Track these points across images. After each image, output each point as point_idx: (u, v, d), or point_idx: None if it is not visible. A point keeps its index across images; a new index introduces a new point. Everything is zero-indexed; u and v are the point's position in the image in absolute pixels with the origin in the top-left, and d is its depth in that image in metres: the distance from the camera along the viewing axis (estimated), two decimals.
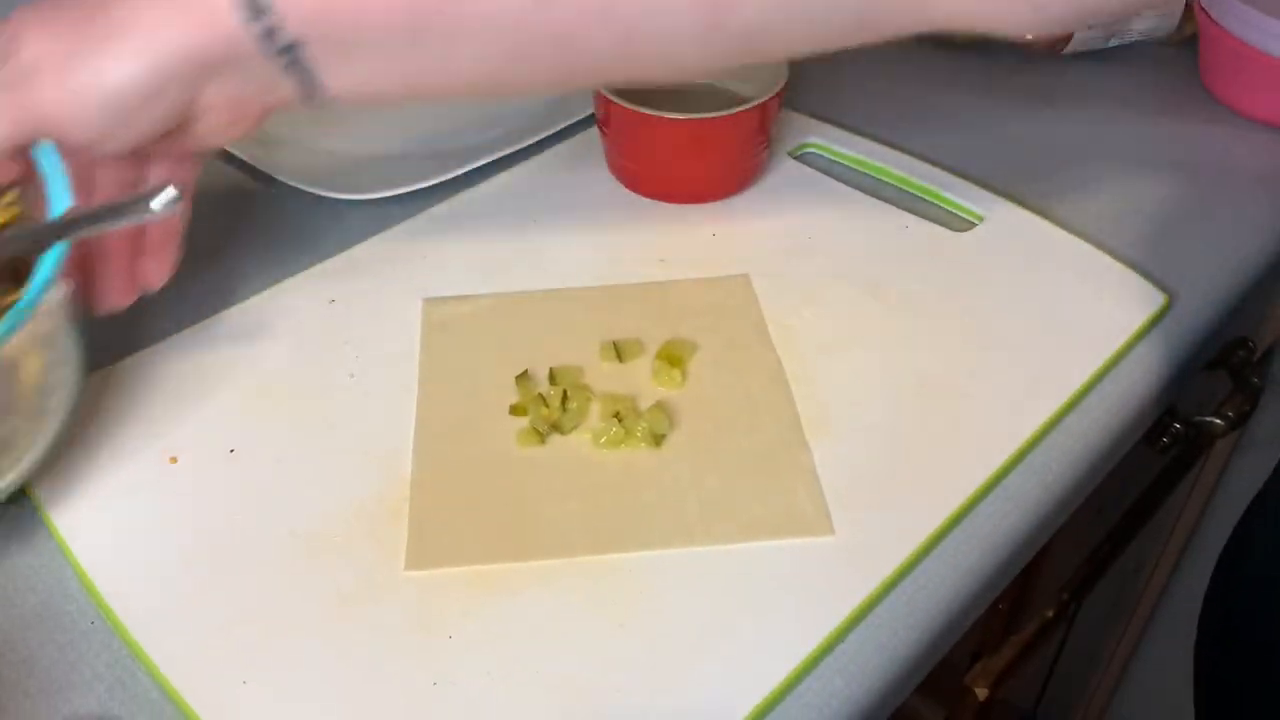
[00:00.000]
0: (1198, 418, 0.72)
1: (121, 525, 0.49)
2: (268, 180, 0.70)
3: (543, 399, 0.54)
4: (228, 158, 0.72)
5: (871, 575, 0.47)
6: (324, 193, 0.67)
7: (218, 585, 0.47)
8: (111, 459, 0.52)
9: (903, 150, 0.72)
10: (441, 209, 0.68)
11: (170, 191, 0.44)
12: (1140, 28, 0.82)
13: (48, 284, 0.42)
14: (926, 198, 0.69)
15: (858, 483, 0.50)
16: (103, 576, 0.47)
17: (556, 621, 0.45)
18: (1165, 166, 0.72)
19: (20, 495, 0.51)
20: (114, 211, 0.45)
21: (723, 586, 0.47)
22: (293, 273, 0.63)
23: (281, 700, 0.43)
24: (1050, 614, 0.85)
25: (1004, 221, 0.66)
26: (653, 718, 0.42)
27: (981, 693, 0.77)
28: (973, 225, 0.67)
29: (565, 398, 0.54)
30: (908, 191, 0.70)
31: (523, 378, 0.55)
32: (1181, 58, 0.83)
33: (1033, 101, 0.79)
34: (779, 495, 0.50)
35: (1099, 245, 0.64)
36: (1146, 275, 0.62)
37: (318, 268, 0.63)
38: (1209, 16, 0.76)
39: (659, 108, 0.64)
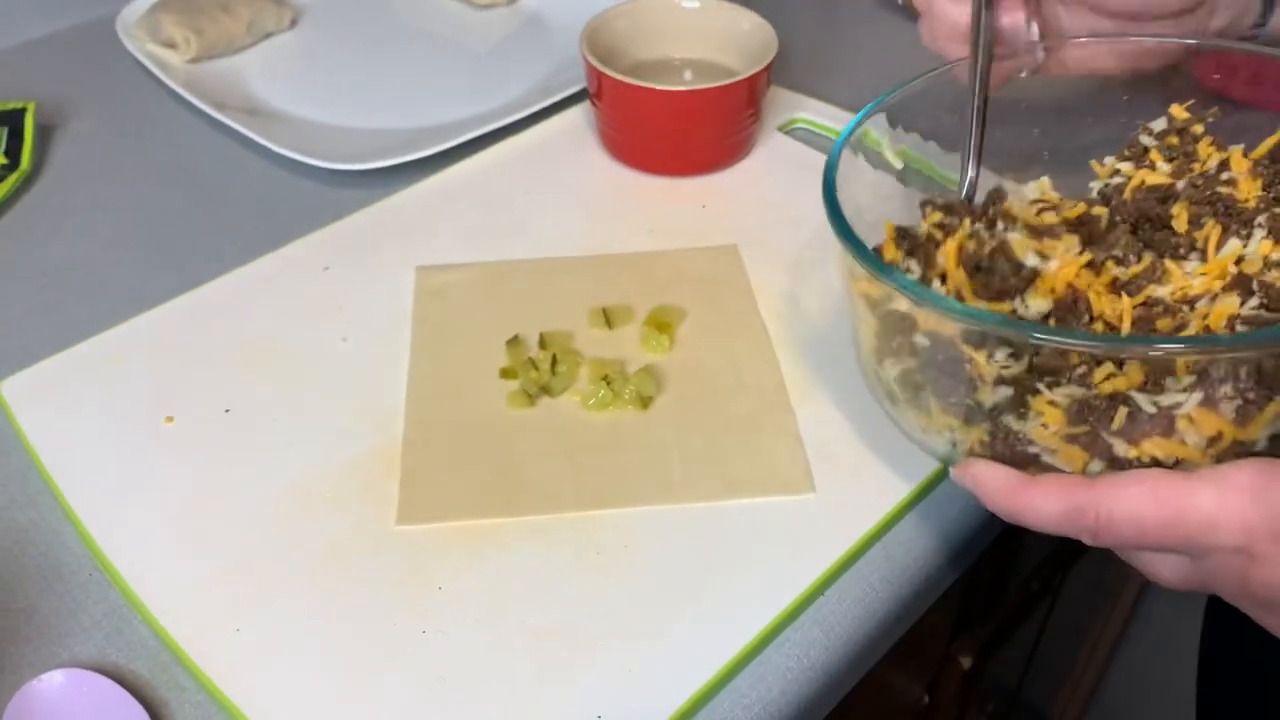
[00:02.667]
0: None
1: (120, 481, 0.50)
2: (264, 150, 0.71)
3: (533, 363, 0.55)
4: (223, 128, 0.73)
5: (851, 532, 0.48)
6: (319, 163, 0.68)
7: (213, 538, 0.48)
8: (110, 419, 0.53)
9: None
10: (435, 179, 0.69)
11: None
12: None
13: None
14: (917, 169, 0.70)
15: (839, 444, 0.52)
16: (101, 530, 0.48)
17: (543, 574, 0.47)
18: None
19: (20, 450, 0.52)
20: None
21: (706, 541, 0.48)
22: (288, 240, 0.64)
23: (274, 647, 0.44)
24: (1035, 586, 0.86)
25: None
26: (636, 666, 0.43)
27: (966, 661, 0.78)
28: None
29: (555, 361, 0.55)
30: (900, 168, 0.70)
31: (513, 342, 0.56)
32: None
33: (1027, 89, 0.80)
34: (762, 455, 0.51)
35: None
36: None
37: (313, 236, 0.64)
38: None
39: (650, 81, 0.65)
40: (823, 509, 0.49)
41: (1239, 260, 0.43)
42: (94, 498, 0.50)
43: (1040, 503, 0.38)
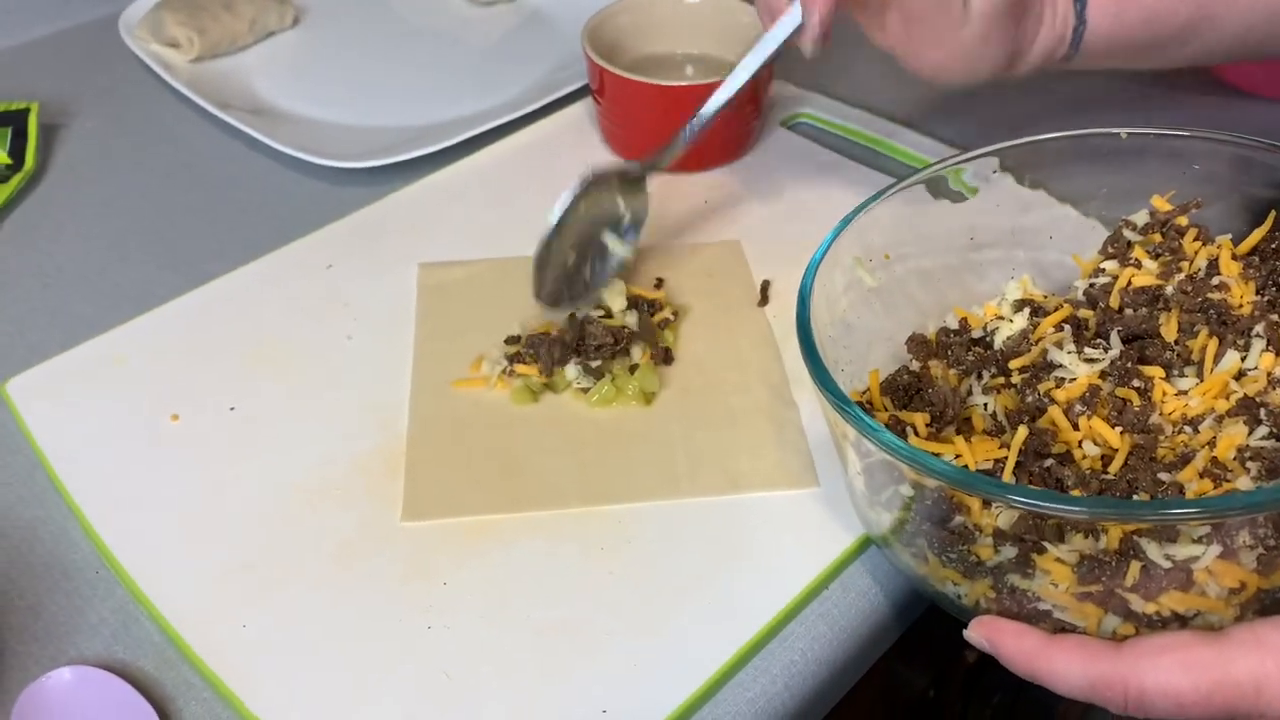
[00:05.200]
0: None
1: (126, 479, 0.51)
2: (267, 148, 0.71)
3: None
4: (227, 127, 0.73)
5: (855, 525, 0.48)
6: (322, 161, 0.68)
7: (219, 535, 0.48)
8: (116, 417, 0.53)
9: (894, 120, 0.73)
10: (438, 176, 0.69)
11: None
12: None
13: None
14: (918, 167, 0.70)
15: None
16: (107, 527, 0.48)
17: (548, 569, 0.47)
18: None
19: (27, 449, 0.53)
20: None
21: (710, 536, 0.48)
22: (292, 238, 0.64)
23: (280, 643, 0.44)
24: None
25: (997, 191, 0.67)
26: (641, 660, 0.43)
27: (971, 656, 0.78)
28: (964, 197, 0.67)
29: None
30: (899, 161, 0.71)
31: (511, 341, 0.56)
32: None
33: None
34: (766, 450, 0.51)
35: (1090, 213, 0.65)
36: None
37: (316, 233, 0.64)
38: None
39: (652, 76, 0.65)
40: (826, 503, 0.49)
41: (1238, 375, 0.42)
42: (100, 496, 0.50)
43: (1062, 669, 0.36)
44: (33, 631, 0.46)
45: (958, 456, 0.42)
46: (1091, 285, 0.49)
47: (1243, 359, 0.42)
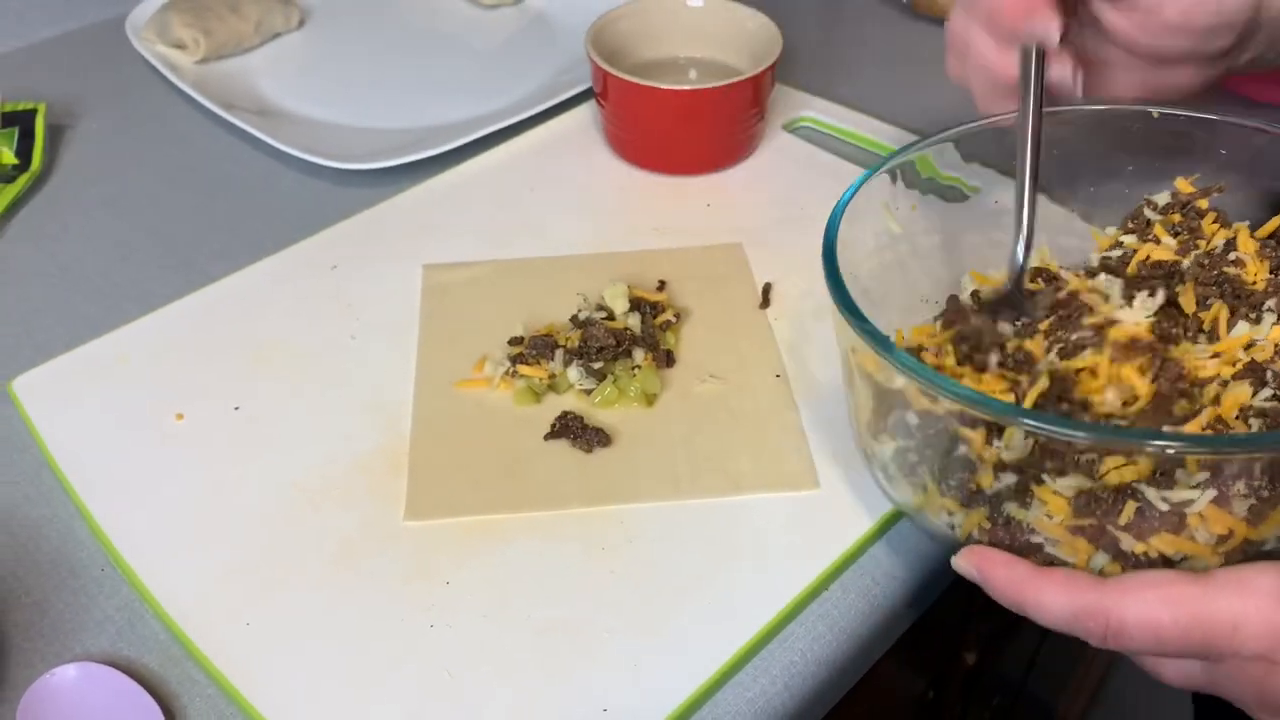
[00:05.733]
0: None
1: (131, 478, 0.51)
2: (272, 149, 0.71)
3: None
4: (232, 128, 0.74)
5: (855, 527, 0.48)
6: (327, 162, 0.69)
7: (223, 534, 0.49)
8: (121, 416, 0.54)
9: (896, 124, 0.73)
10: (442, 179, 0.69)
11: None
12: None
13: None
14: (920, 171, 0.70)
15: (843, 440, 0.52)
16: (113, 525, 0.49)
17: (549, 569, 0.47)
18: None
19: (34, 447, 0.53)
20: None
21: (711, 537, 0.48)
22: (296, 239, 0.64)
23: (284, 641, 0.45)
24: None
25: (997, 194, 0.67)
26: (641, 660, 0.44)
27: (970, 657, 0.78)
28: (966, 198, 0.68)
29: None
30: None
31: (515, 343, 0.57)
32: None
33: None
34: (767, 451, 0.52)
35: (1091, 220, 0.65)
36: None
37: (321, 234, 0.65)
38: None
39: (655, 80, 0.66)
40: (827, 504, 0.49)
41: (1248, 345, 0.43)
42: (106, 494, 0.50)
43: (1048, 600, 0.37)
44: (39, 628, 0.46)
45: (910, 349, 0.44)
46: (1108, 258, 0.49)
47: (1255, 330, 0.43)
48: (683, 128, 0.68)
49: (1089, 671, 1.27)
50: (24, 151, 0.72)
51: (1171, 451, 0.35)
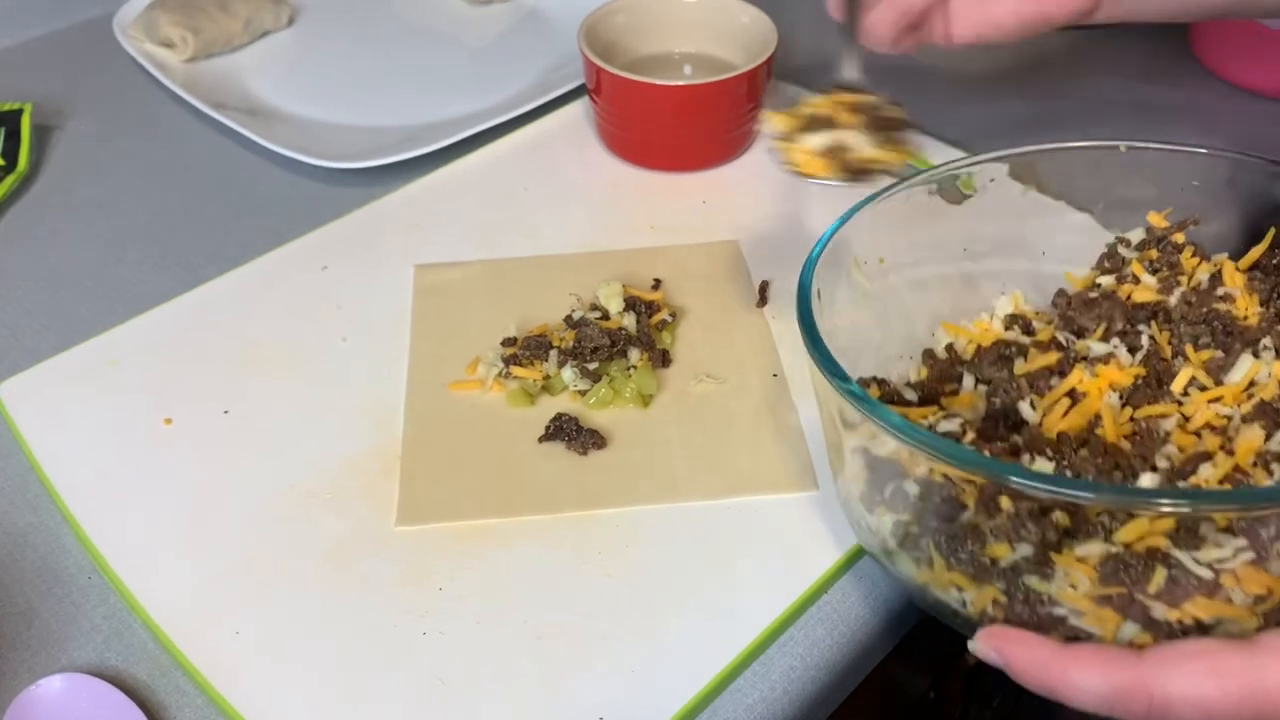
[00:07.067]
0: None
1: (118, 484, 0.50)
2: (262, 149, 0.70)
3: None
4: (221, 127, 0.73)
5: None
6: (317, 161, 0.68)
7: (212, 540, 0.48)
8: (109, 421, 0.53)
9: None
10: (434, 177, 0.68)
11: None
12: None
13: None
14: (918, 166, 0.69)
15: None
16: (99, 533, 0.48)
17: (544, 573, 0.46)
18: (1157, 136, 0.72)
19: (19, 453, 0.52)
20: None
21: (709, 539, 0.47)
22: (287, 239, 0.63)
23: (274, 649, 0.44)
24: None
25: (997, 190, 0.67)
26: (638, 666, 0.43)
27: (971, 657, 0.78)
28: (966, 195, 0.67)
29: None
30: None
31: (507, 344, 0.56)
32: (1172, 26, 0.83)
33: (1022, 71, 0.79)
34: (765, 452, 0.51)
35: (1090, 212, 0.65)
36: None
37: (311, 234, 0.64)
38: None
39: (650, 75, 0.65)
40: (826, 506, 0.49)
41: (1250, 384, 0.41)
42: (93, 500, 0.49)
43: (1081, 679, 0.34)
44: (24, 639, 0.45)
45: (925, 418, 0.42)
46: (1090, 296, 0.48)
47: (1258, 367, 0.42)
48: (678, 124, 0.67)
49: None
50: (10, 152, 0.71)
51: (1196, 510, 0.33)
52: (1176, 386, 0.42)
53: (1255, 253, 0.46)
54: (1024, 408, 0.43)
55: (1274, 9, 0.57)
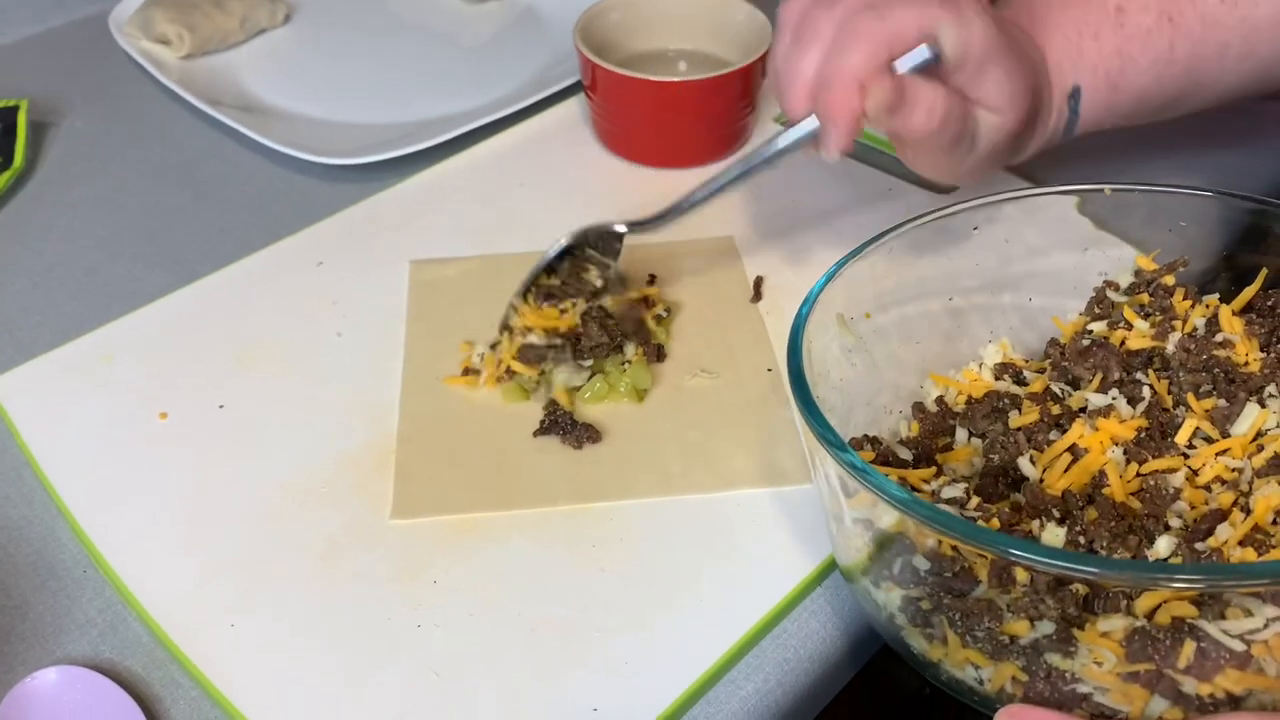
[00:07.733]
0: None
1: (113, 478, 0.50)
2: (258, 145, 0.70)
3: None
4: (217, 124, 0.73)
5: None
6: (313, 158, 0.68)
7: (207, 534, 0.48)
8: (104, 416, 0.53)
9: None
10: (429, 173, 0.69)
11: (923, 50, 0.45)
12: None
13: None
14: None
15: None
16: (94, 526, 0.48)
17: (538, 566, 0.46)
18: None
19: (14, 447, 0.52)
20: None
21: (703, 532, 0.47)
22: (282, 235, 0.64)
23: (269, 643, 0.44)
24: None
25: (986, 185, 0.67)
26: (632, 658, 0.43)
27: None
28: (956, 188, 0.67)
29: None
30: (890, 155, 0.70)
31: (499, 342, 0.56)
32: None
33: None
34: (759, 447, 0.51)
35: (1082, 212, 0.65)
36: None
37: (307, 231, 0.64)
38: None
39: (645, 72, 0.65)
40: (819, 499, 0.49)
41: (1257, 434, 0.40)
42: (88, 495, 0.49)
43: None
44: (19, 632, 0.45)
45: (902, 479, 0.41)
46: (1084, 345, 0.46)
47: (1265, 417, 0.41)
48: (672, 120, 0.67)
49: None
50: (6, 148, 0.71)
51: (1223, 586, 0.32)
52: (1181, 438, 0.41)
53: (1247, 294, 0.45)
54: (1024, 464, 0.42)
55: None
